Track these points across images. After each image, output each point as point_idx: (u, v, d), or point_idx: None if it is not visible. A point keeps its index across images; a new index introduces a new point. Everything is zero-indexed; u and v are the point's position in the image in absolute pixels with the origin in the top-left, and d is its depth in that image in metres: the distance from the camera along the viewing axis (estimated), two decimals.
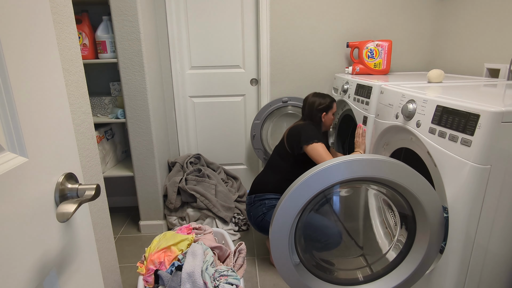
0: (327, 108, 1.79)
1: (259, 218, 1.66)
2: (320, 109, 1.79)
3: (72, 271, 0.61)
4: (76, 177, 0.61)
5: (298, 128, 1.74)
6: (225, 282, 1.22)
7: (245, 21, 2.21)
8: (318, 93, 1.84)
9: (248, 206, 1.75)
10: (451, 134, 0.99)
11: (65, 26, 0.93)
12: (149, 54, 1.86)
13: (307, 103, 1.81)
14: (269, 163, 1.82)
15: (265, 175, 1.79)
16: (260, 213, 1.66)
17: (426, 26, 2.19)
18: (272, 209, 1.64)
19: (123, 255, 1.88)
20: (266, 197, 1.68)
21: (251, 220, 1.73)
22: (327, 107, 1.79)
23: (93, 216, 1.09)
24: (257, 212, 1.67)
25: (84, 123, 1.04)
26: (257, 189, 1.74)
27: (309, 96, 1.83)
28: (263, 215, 1.65)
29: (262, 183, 1.75)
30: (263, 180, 1.76)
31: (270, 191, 1.69)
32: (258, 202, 1.69)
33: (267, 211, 1.65)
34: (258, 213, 1.66)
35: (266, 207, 1.66)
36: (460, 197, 0.97)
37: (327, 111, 1.80)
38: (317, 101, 1.80)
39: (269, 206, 1.66)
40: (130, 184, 2.38)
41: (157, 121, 1.99)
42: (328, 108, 1.80)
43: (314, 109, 1.79)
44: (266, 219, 1.65)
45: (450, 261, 1.03)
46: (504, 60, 1.64)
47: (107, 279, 1.20)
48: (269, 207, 1.65)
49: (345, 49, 2.21)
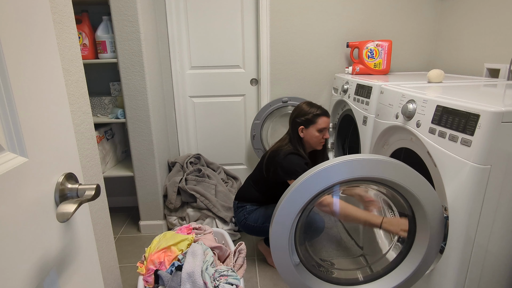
0: (307, 122, 1.53)
1: (242, 222, 1.71)
2: (297, 122, 1.55)
3: (72, 271, 0.61)
4: (76, 177, 0.61)
5: (275, 159, 1.53)
6: (225, 282, 1.22)
7: (245, 21, 2.21)
8: (309, 102, 1.59)
9: (233, 210, 1.80)
10: (451, 134, 0.99)
11: (65, 26, 0.93)
12: (149, 54, 1.86)
13: (292, 112, 1.61)
14: (253, 174, 1.77)
15: (247, 185, 1.76)
16: (242, 217, 1.70)
17: (426, 26, 2.19)
18: (252, 213, 1.69)
19: (123, 255, 1.88)
20: (247, 205, 1.72)
21: (237, 223, 1.78)
22: (307, 121, 1.53)
23: (93, 216, 1.09)
24: (239, 217, 1.72)
25: (84, 123, 1.04)
26: (240, 197, 1.76)
27: (300, 103, 1.62)
28: (245, 219, 1.70)
29: (244, 192, 1.76)
30: (245, 190, 1.76)
31: (250, 202, 1.72)
32: (240, 208, 1.73)
33: (248, 215, 1.69)
34: (241, 217, 1.71)
35: (247, 211, 1.70)
36: (460, 197, 0.97)
37: (306, 125, 1.54)
38: (297, 111, 1.57)
39: (249, 210, 1.70)
40: (130, 184, 2.38)
41: (157, 121, 1.99)
42: (308, 122, 1.53)
43: (291, 120, 1.58)
44: (248, 223, 1.69)
45: (450, 261, 1.03)
46: (504, 60, 1.64)
47: (107, 279, 1.20)
48: (249, 211, 1.70)
49: (345, 49, 2.21)
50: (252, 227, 1.69)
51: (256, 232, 1.71)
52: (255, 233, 1.73)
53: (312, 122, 1.53)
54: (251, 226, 1.68)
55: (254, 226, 1.68)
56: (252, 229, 1.70)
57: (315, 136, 1.55)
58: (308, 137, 1.56)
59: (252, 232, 1.72)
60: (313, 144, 1.59)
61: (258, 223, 1.67)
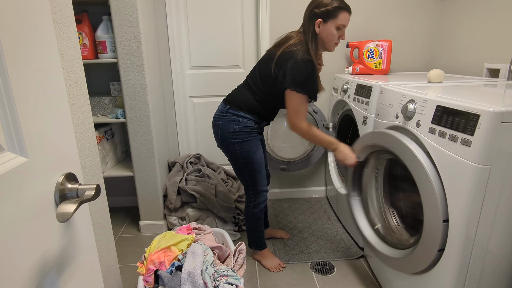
0: (326, 15, 1.31)
1: (226, 134, 1.48)
2: (315, 14, 1.32)
3: (72, 271, 0.61)
4: (76, 177, 0.61)
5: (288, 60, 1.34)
6: (225, 282, 1.22)
7: (245, 21, 2.21)
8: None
9: (218, 113, 1.53)
10: (451, 134, 0.99)
11: (65, 26, 0.93)
12: (149, 54, 1.86)
13: (310, 3, 1.37)
14: (251, 75, 1.53)
15: (242, 89, 1.54)
16: (232, 130, 1.47)
17: (426, 26, 2.19)
18: (242, 135, 1.47)
19: (123, 255, 1.88)
20: (241, 114, 1.47)
21: (216, 129, 1.53)
22: (327, 13, 1.30)
23: (93, 216, 1.09)
24: (228, 127, 1.48)
25: (84, 123, 1.04)
26: (233, 103, 1.50)
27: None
28: (233, 135, 1.47)
29: (238, 95, 1.52)
30: (240, 92, 1.52)
31: (244, 110, 1.48)
32: (231, 115, 1.48)
33: (237, 134, 1.47)
34: (229, 129, 1.47)
35: (240, 126, 1.47)
36: (460, 197, 0.97)
37: (325, 19, 1.31)
38: (317, 1, 1.33)
39: (242, 127, 1.47)
40: (130, 184, 2.38)
41: (157, 121, 1.99)
42: (328, 15, 1.30)
43: (308, 13, 1.35)
44: (231, 141, 1.47)
45: (450, 261, 1.03)
46: (504, 60, 1.64)
47: (107, 279, 1.20)
48: (240, 129, 1.46)
49: (345, 49, 2.21)
50: (241, 162, 1.50)
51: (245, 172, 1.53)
52: (241, 172, 1.55)
53: (332, 15, 1.31)
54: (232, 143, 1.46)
55: (245, 162, 1.49)
56: (240, 165, 1.51)
57: (332, 35, 1.34)
58: (324, 34, 1.34)
59: (238, 165, 1.52)
60: (327, 45, 1.39)
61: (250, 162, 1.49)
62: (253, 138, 1.51)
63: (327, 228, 2.08)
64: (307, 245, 1.91)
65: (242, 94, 1.52)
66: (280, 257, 1.79)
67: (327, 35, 1.35)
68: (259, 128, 1.55)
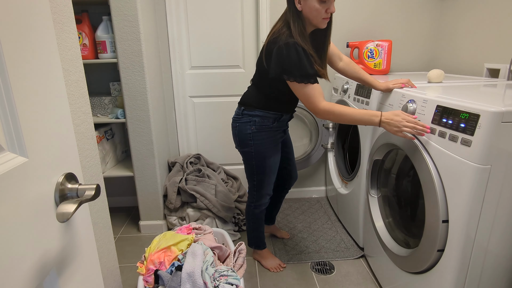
0: None
1: (243, 136, 1.48)
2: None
3: (72, 271, 0.61)
4: (76, 177, 0.61)
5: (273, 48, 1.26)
6: (225, 282, 1.22)
7: (245, 21, 2.21)
8: None
9: (235, 116, 1.53)
10: (451, 134, 0.99)
11: (65, 26, 0.93)
12: (149, 54, 1.86)
13: None
14: (254, 77, 1.52)
15: (252, 90, 1.51)
16: (248, 131, 1.46)
17: (426, 26, 2.19)
18: (259, 134, 1.46)
19: (123, 255, 1.88)
20: (256, 113, 1.45)
21: (234, 131, 1.53)
22: None
23: (93, 216, 1.09)
24: (244, 128, 1.47)
25: (84, 123, 1.04)
26: (246, 103, 1.48)
27: None
28: (251, 137, 1.46)
29: (249, 98, 1.50)
30: (251, 95, 1.50)
31: (258, 108, 1.45)
32: (247, 116, 1.47)
33: (254, 135, 1.46)
34: (246, 130, 1.47)
35: (256, 126, 1.46)
36: (460, 197, 0.97)
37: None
38: None
39: (259, 127, 1.45)
40: (130, 184, 2.38)
41: (157, 121, 1.99)
42: None
43: None
44: (248, 143, 1.47)
45: (450, 261, 1.03)
46: (504, 60, 1.64)
47: (107, 279, 1.20)
48: (257, 130, 1.46)
49: (345, 49, 2.21)
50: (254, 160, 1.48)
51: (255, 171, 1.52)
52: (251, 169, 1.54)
53: None
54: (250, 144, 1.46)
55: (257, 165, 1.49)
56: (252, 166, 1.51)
57: (315, 9, 1.21)
58: (307, 10, 1.23)
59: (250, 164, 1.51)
60: (313, 21, 1.26)
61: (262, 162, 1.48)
62: (272, 140, 1.49)
63: (327, 228, 2.08)
64: (307, 245, 1.91)
65: (252, 92, 1.49)
66: (280, 257, 1.79)
67: (310, 10, 1.22)
68: (280, 126, 1.50)
